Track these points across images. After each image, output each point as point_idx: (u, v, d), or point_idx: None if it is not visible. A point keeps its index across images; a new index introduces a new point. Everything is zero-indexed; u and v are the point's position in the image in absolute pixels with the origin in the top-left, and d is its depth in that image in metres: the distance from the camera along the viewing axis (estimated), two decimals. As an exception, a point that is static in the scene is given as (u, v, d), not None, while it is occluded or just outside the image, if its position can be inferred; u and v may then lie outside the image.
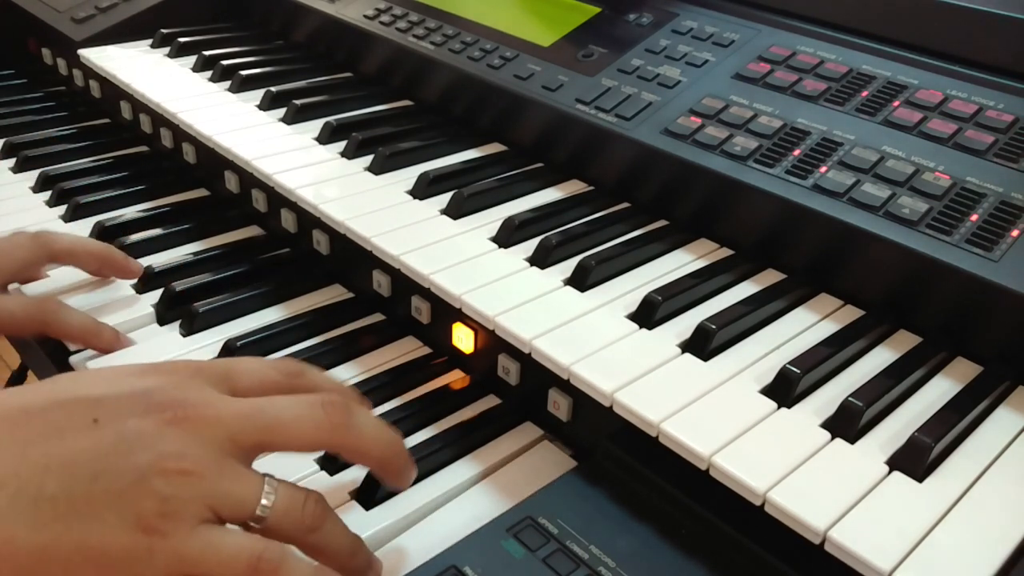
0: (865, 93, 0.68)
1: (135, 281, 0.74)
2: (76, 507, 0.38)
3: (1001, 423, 0.52)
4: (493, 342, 0.61)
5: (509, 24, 0.87)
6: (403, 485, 0.50)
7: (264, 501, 0.42)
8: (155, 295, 0.73)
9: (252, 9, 1.15)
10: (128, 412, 0.41)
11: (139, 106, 0.97)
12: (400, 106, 0.92)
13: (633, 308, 0.59)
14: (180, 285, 0.72)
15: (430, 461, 0.56)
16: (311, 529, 0.43)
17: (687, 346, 0.56)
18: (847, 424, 0.49)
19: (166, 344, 0.68)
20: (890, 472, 0.47)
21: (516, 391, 0.62)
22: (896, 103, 0.66)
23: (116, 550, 0.38)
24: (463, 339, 0.64)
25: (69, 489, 0.38)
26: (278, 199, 0.78)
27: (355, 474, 0.56)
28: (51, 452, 0.39)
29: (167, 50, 1.02)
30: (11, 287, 0.71)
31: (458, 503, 0.55)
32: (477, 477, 0.57)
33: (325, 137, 0.82)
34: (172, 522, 0.39)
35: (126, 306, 0.72)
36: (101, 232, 0.81)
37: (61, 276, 0.74)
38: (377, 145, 0.79)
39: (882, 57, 0.70)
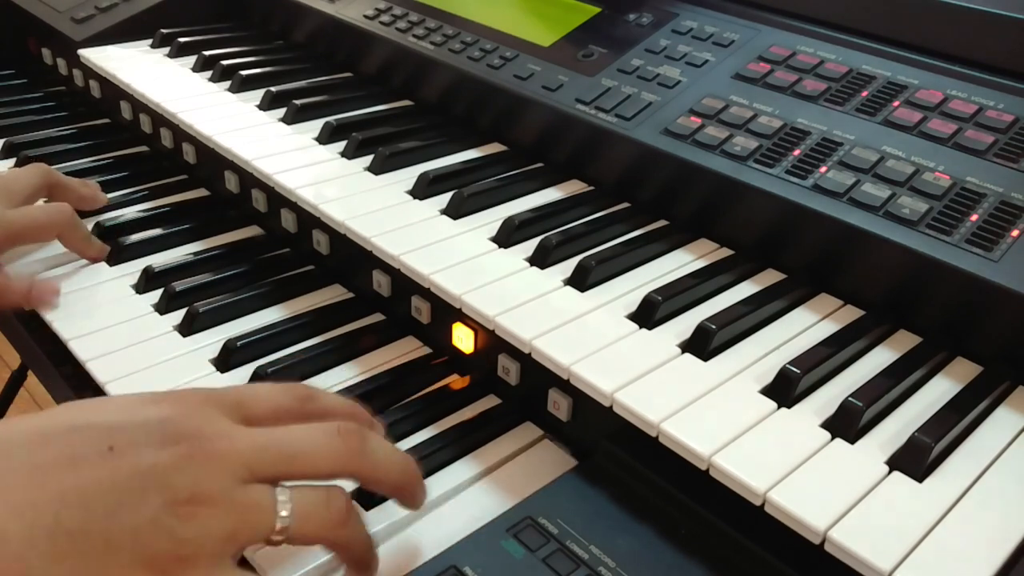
0: (865, 93, 0.68)
1: (135, 281, 0.74)
2: (92, 543, 0.37)
3: (1001, 423, 0.52)
4: (493, 342, 0.61)
5: (509, 24, 0.87)
6: (415, 507, 0.50)
7: (282, 512, 0.41)
8: (155, 295, 0.73)
9: (252, 9, 1.15)
10: (144, 442, 0.40)
11: (139, 106, 0.97)
12: (400, 106, 0.92)
13: (633, 308, 0.59)
14: (180, 285, 0.72)
15: (430, 461, 0.56)
16: (341, 524, 0.43)
17: (687, 346, 0.56)
18: (847, 424, 0.49)
19: (166, 345, 0.67)
20: (890, 472, 0.47)
21: (516, 391, 0.62)
22: (896, 103, 0.66)
23: None
24: (463, 339, 0.64)
25: (86, 523, 0.37)
26: (278, 199, 0.78)
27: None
28: (67, 482, 0.38)
29: (167, 50, 1.02)
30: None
31: (458, 503, 0.55)
32: (477, 477, 0.57)
33: (325, 137, 0.82)
34: (186, 565, 0.38)
35: (126, 306, 0.72)
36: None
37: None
38: (377, 145, 0.79)
39: (882, 57, 0.70)
